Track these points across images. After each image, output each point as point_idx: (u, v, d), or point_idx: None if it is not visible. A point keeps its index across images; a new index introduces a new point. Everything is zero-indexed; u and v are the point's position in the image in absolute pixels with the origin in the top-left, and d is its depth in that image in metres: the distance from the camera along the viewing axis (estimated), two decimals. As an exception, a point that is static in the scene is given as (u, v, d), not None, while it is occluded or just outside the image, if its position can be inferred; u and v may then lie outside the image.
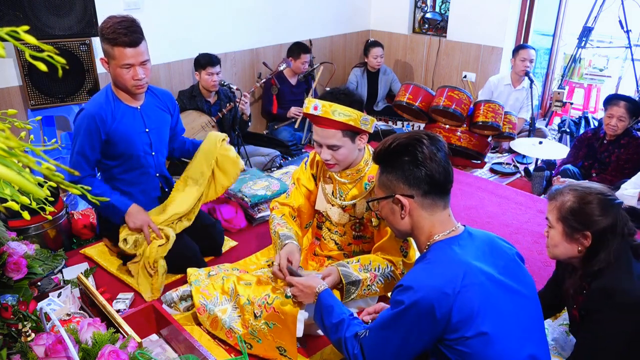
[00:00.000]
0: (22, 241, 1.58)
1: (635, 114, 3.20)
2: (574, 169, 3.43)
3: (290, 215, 2.14)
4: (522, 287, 1.32)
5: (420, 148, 1.30)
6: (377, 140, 4.28)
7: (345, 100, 1.80)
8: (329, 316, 1.50)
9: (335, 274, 1.81)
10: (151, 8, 3.61)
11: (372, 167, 1.96)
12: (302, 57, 4.25)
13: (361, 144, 1.89)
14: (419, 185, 1.31)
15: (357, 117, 1.79)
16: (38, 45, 0.62)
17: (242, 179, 3.07)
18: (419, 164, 1.30)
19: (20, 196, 0.78)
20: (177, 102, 2.58)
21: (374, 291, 1.87)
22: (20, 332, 1.30)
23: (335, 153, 1.86)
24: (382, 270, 1.87)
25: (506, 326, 1.24)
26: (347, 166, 1.95)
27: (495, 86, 4.34)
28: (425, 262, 1.30)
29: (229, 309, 1.98)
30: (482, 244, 1.34)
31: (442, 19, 5.06)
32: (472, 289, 1.21)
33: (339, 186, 2.04)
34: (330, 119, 1.77)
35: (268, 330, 1.86)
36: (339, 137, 1.83)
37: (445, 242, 1.31)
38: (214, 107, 3.73)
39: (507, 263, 1.34)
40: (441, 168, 1.29)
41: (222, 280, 2.06)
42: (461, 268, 1.24)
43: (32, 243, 1.65)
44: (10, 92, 3.16)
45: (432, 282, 1.22)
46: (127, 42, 2.06)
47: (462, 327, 1.21)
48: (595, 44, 5.22)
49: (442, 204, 1.33)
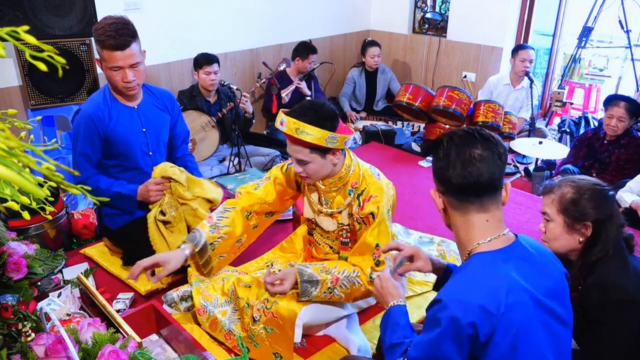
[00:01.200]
0: (22, 241, 1.58)
1: (635, 114, 3.20)
2: (574, 169, 3.43)
3: (244, 212, 2.03)
4: (564, 312, 1.23)
5: (444, 145, 1.21)
6: (377, 141, 4.29)
7: (313, 116, 1.70)
8: (391, 333, 1.42)
9: (292, 275, 1.79)
10: (151, 8, 3.61)
11: (355, 173, 1.89)
12: (310, 57, 4.25)
13: (334, 159, 1.80)
14: (444, 183, 1.23)
15: (321, 136, 1.68)
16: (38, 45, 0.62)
17: (242, 179, 3.08)
18: (441, 162, 1.22)
19: (20, 196, 0.78)
20: (178, 104, 2.57)
21: (337, 295, 1.82)
22: (20, 332, 1.30)
23: (305, 167, 1.79)
24: (347, 273, 1.82)
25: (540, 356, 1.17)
26: (325, 177, 1.88)
27: (494, 86, 4.34)
28: (464, 274, 1.21)
29: (228, 311, 1.98)
30: (532, 259, 1.23)
31: (442, 19, 5.06)
32: (516, 308, 1.12)
33: (324, 194, 1.98)
34: (293, 136, 1.71)
35: (266, 335, 1.86)
36: (306, 153, 1.75)
37: (488, 255, 1.21)
38: (214, 107, 3.73)
39: (556, 284, 1.24)
40: (464, 171, 1.17)
41: (222, 282, 2.06)
42: (504, 284, 1.13)
43: (32, 243, 1.65)
44: (10, 92, 3.16)
45: (472, 299, 1.12)
46: (113, 45, 2.05)
47: (497, 348, 1.12)
48: (595, 44, 5.23)
49: (475, 207, 1.21)
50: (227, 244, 1.98)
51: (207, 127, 3.60)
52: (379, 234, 1.84)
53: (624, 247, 1.55)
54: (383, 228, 1.86)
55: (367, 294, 1.87)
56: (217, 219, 1.97)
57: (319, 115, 1.71)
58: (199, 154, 3.57)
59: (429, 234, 2.78)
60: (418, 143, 4.25)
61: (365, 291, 1.85)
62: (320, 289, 1.80)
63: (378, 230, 1.84)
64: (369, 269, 1.84)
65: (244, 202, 2.03)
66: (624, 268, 1.49)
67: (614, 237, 1.52)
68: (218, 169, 3.60)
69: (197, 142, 3.57)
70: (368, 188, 1.87)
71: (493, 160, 1.17)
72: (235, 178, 3.11)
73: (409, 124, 4.55)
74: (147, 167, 2.39)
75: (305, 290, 1.79)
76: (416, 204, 3.21)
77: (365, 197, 1.86)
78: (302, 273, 1.80)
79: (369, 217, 1.85)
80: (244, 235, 2.05)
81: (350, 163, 1.90)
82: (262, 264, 2.34)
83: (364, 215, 1.86)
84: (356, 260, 1.87)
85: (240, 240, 2.04)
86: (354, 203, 1.89)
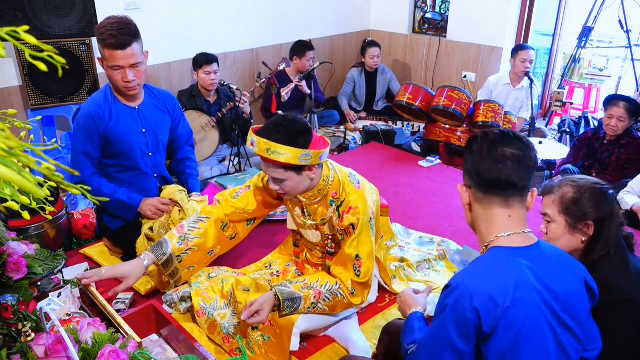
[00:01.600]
0: (22, 241, 1.58)
1: (635, 114, 3.20)
2: (574, 169, 3.43)
3: (219, 223, 2.00)
4: (574, 324, 1.22)
5: (478, 141, 1.26)
6: (377, 141, 4.29)
7: (285, 134, 1.64)
8: (408, 336, 1.46)
9: (268, 303, 1.76)
10: (151, 8, 3.61)
11: (334, 183, 1.86)
12: (307, 54, 4.25)
13: (311, 174, 1.76)
14: (471, 177, 1.27)
15: (294, 155, 1.63)
16: (38, 45, 0.62)
17: (242, 179, 3.08)
18: (472, 157, 1.26)
19: (20, 196, 0.78)
20: (180, 105, 2.57)
21: (321, 309, 1.81)
22: (20, 332, 1.30)
23: (282, 185, 1.76)
24: (329, 287, 1.81)
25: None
26: (304, 191, 1.84)
27: (494, 86, 4.34)
28: (478, 264, 1.24)
29: (228, 314, 1.97)
30: (550, 263, 1.24)
31: (442, 19, 5.06)
32: (522, 305, 1.13)
33: (306, 207, 1.95)
34: (265, 157, 1.67)
35: (263, 343, 1.86)
36: (281, 172, 1.71)
37: (506, 250, 1.22)
38: (214, 106, 3.73)
39: (571, 292, 1.22)
40: (495, 166, 1.21)
41: (221, 283, 2.05)
42: (514, 278, 1.15)
43: (32, 243, 1.65)
44: (10, 92, 3.16)
45: (481, 287, 1.14)
46: (114, 44, 2.05)
47: (499, 340, 1.13)
48: (595, 44, 5.23)
49: (498, 201, 1.24)
50: (197, 256, 1.98)
51: (207, 127, 3.60)
52: (359, 244, 1.83)
53: (625, 245, 1.55)
54: (363, 238, 1.84)
55: (350, 305, 1.86)
56: (187, 230, 1.96)
57: (290, 132, 1.66)
58: (199, 154, 3.57)
59: (429, 234, 2.78)
60: (418, 143, 4.25)
61: (347, 303, 1.84)
62: (304, 304, 1.79)
63: (358, 241, 1.83)
64: (350, 281, 1.83)
65: (220, 212, 2.02)
66: (625, 267, 1.49)
67: (615, 235, 1.52)
68: (218, 169, 3.61)
69: (197, 142, 3.57)
70: (348, 199, 1.84)
71: (523, 161, 1.21)
72: (235, 178, 3.11)
73: (409, 124, 4.55)
74: (146, 168, 2.39)
75: (288, 307, 1.77)
76: (416, 204, 3.21)
77: (345, 209, 1.84)
78: (282, 292, 1.78)
79: (349, 228, 1.84)
80: (217, 246, 2.04)
81: (328, 173, 1.86)
82: (260, 265, 2.34)
83: (344, 227, 1.84)
84: (338, 272, 1.87)
85: (213, 251, 2.04)
86: (334, 215, 1.87)
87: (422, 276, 2.39)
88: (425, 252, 2.58)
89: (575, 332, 1.22)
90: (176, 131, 2.52)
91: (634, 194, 2.87)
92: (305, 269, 2.19)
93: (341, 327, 2.00)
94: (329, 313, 1.88)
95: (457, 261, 2.55)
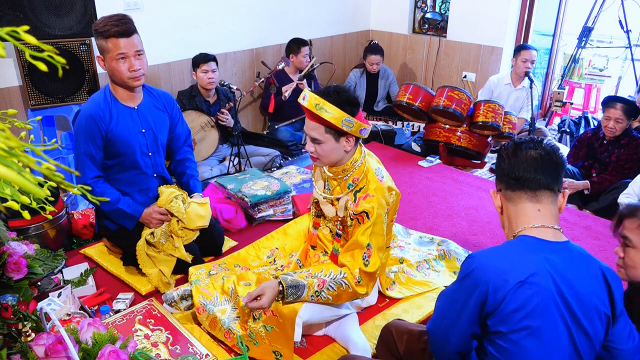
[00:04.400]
0: (22, 241, 1.58)
1: (632, 115, 3.21)
2: (573, 169, 3.43)
3: None
4: (590, 327, 1.22)
5: (506, 146, 1.35)
6: (377, 141, 4.29)
7: (335, 98, 1.77)
8: None
9: (271, 288, 1.76)
10: (151, 8, 3.61)
11: (359, 170, 1.92)
12: (302, 50, 4.25)
13: (347, 145, 1.85)
14: (501, 180, 1.35)
15: (338, 116, 1.75)
16: (38, 45, 0.62)
17: (243, 179, 3.08)
18: (501, 160, 1.35)
19: (20, 196, 0.78)
20: (178, 105, 2.57)
21: (324, 298, 1.81)
22: (20, 332, 1.29)
23: (318, 147, 1.85)
24: (333, 275, 1.81)
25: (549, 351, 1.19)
26: (332, 163, 1.92)
27: (495, 85, 4.34)
28: (501, 246, 1.29)
29: (228, 309, 1.98)
30: (576, 263, 1.24)
31: (442, 19, 5.06)
32: (533, 289, 1.17)
33: (328, 180, 2.02)
34: (312, 112, 1.77)
35: (265, 334, 1.86)
36: (320, 131, 1.81)
37: (532, 239, 1.26)
38: (214, 106, 3.73)
39: (590, 297, 1.22)
40: (521, 164, 1.29)
41: (222, 280, 2.06)
42: (533, 265, 1.19)
43: (32, 243, 1.65)
44: (10, 92, 3.16)
45: (497, 263, 1.21)
46: (119, 32, 2.07)
47: (509, 321, 1.18)
48: (595, 44, 5.23)
49: (527, 197, 1.30)
50: None
51: (207, 127, 3.60)
52: (372, 234, 1.83)
53: None
54: (377, 230, 1.84)
55: (354, 295, 1.85)
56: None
57: (341, 98, 1.78)
58: (199, 154, 3.57)
59: (429, 234, 2.78)
60: (418, 143, 4.25)
61: (352, 292, 1.83)
62: (307, 292, 1.79)
63: (372, 231, 1.83)
64: (357, 270, 1.82)
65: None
66: None
67: None
68: (218, 169, 3.61)
69: (197, 142, 3.57)
70: (367, 186, 1.88)
71: (548, 159, 1.28)
72: (235, 178, 3.11)
73: (409, 124, 4.55)
74: (146, 168, 2.39)
75: (292, 295, 1.78)
76: (416, 204, 3.21)
77: (362, 195, 1.87)
78: (285, 279, 1.79)
79: (362, 215, 1.85)
80: None
81: (358, 158, 1.93)
82: (265, 260, 2.34)
83: (357, 212, 1.86)
84: (345, 260, 1.87)
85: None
86: (350, 198, 1.90)
87: (422, 276, 2.38)
88: (425, 252, 2.58)
89: (590, 335, 1.22)
90: (175, 131, 2.51)
91: (634, 197, 2.86)
92: (308, 258, 2.19)
93: (341, 327, 2.00)
94: (333, 303, 1.87)
95: (457, 261, 2.54)
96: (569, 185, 3.30)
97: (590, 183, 3.29)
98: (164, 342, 1.91)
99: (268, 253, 2.36)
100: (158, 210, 2.33)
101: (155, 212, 2.33)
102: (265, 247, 2.38)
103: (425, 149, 4.10)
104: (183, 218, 2.32)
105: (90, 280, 2.32)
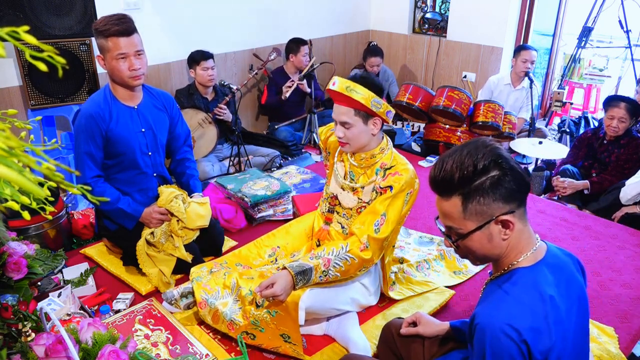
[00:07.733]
0: (22, 241, 1.58)
1: (635, 114, 3.20)
2: (573, 169, 3.43)
3: None
4: (587, 322, 1.24)
5: (503, 156, 1.14)
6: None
7: (365, 82, 1.88)
8: None
9: (282, 277, 1.79)
10: (151, 8, 3.61)
11: (387, 156, 1.99)
12: (301, 49, 4.26)
13: (374, 128, 1.93)
14: (513, 197, 1.14)
15: (368, 96, 1.85)
16: (38, 45, 0.62)
17: (243, 179, 3.08)
18: (507, 174, 1.13)
19: (20, 196, 0.78)
20: (177, 106, 2.57)
21: (333, 276, 1.86)
22: (20, 332, 1.29)
23: (347, 131, 1.92)
24: (336, 252, 1.86)
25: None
26: (360, 149, 1.99)
27: (495, 85, 4.34)
28: (507, 293, 1.16)
29: (229, 301, 1.98)
30: (561, 268, 1.21)
31: (442, 19, 5.06)
32: (556, 328, 1.11)
33: (352, 169, 2.06)
34: (343, 94, 1.85)
35: (270, 319, 1.86)
36: (350, 115, 1.89)
37: (530, 271, 1.17)
38: (212, 104, 3.73)
39: (580, 294, 1.22)
40: (521, 171, 1.15)
41: (224, 276, 2.07)
42: (545, 304, 1.11)
43: (32, 243, 1.65)
44: (10, 92, 3.16)
45: (522, 320, 1.08)
46: (119, 31, 2.08)
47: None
48: (595, 44, 5.23)
49: (520, 213, 1.19)
50: None
51: (205, 123, 3.59)
52: (390, 205, 1.90)
53: None
54: (396, 203, 1.90)
55: (361, 263, 1.88)
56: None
57: (370, 83, 1.90)
58: (199, 151, 3.57)
59: (429, 234, 2.78)
60: (418, 143, 4.25)
61: (359, 262, 1.87)
62: (315, 274, 1.84)
63: (390, 202, 1.90)
64: (365, 236, 1.87)
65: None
66: None
67: None
68: (218, 168, 3.61)
69: (196, 140, 3.57)
70: (397, 167, 1.96)
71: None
72: (235, 178, 3.11)
73: (409, 124, 4.55)
74: (146, 168, 2.39)
75: (301, 281, 1.82)
76: (416, 204, 3.20)
77: (392, 172, 1.95)
78: (291, 266, 1.83)
79: (386, 189, 1.92)
80: None
81: (385, 145, 2.01)
82: (266, 259, 2.33)
83: (384, 186, 1.93)
84: (355, 227, 1.92)
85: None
86: (380, 174, 1.97)
87: (422, 276, 2.38)
88: (425, 252, 2.58)
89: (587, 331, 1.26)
90: (174, 130, 2.52)
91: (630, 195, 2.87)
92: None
93: (341, 327, 2.00)
94: (342, 278, 1.91)
95: (457, 261, 2.54)
96: (569, 185, 3.30)
97: (590, 183, 3.29)
98: (164, 342, 1.92)
99: (270, 252, 2.35)
100: (158, 210, 2.34)
101: (155, 212, 2.33)
102: (267, 245, 2.37)
103: (425, 149, 4.10)
104: (183, 218, 2.32)
105: (90, 280, 2.33)
